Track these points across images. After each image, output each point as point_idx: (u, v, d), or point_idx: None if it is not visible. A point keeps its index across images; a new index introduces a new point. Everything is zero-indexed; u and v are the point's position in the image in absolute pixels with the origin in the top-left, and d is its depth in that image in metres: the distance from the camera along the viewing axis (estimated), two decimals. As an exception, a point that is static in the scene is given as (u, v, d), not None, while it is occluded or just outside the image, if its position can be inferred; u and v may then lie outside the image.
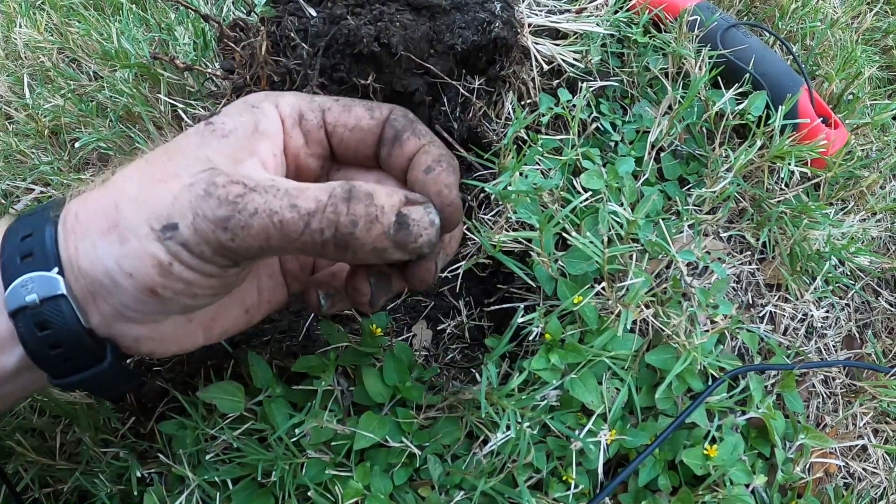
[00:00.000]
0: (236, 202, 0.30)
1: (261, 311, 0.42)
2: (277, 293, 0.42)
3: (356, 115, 0.38)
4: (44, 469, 0.49)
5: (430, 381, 0.54)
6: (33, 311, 0.31)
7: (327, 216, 0.31)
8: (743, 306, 0.61)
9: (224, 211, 0.30)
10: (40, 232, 0.32)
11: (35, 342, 0.32)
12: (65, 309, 0.32)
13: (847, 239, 0.63)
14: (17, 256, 0.32)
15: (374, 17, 0.50)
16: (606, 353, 0.49)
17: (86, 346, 0.33)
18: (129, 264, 0.31)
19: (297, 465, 0.46)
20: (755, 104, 0.62)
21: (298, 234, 0.31)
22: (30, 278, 0.31)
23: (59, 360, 0.33)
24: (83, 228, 0.32)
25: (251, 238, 0.31)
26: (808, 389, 0.61)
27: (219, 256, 0.32)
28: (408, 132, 0.38)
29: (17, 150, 0.67)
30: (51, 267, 0.32)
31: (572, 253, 0.51)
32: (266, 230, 0.31)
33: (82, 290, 0.32)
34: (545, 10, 0.61)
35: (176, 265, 0.31)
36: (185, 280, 0.32)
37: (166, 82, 0.65)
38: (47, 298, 0.31)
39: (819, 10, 0.77)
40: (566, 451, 0.48)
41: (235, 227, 0.30)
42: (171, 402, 0.51)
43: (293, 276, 0.43)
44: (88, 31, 0.73)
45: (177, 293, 0.32)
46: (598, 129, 0.61)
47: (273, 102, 0.37)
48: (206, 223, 0.30)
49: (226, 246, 0.31)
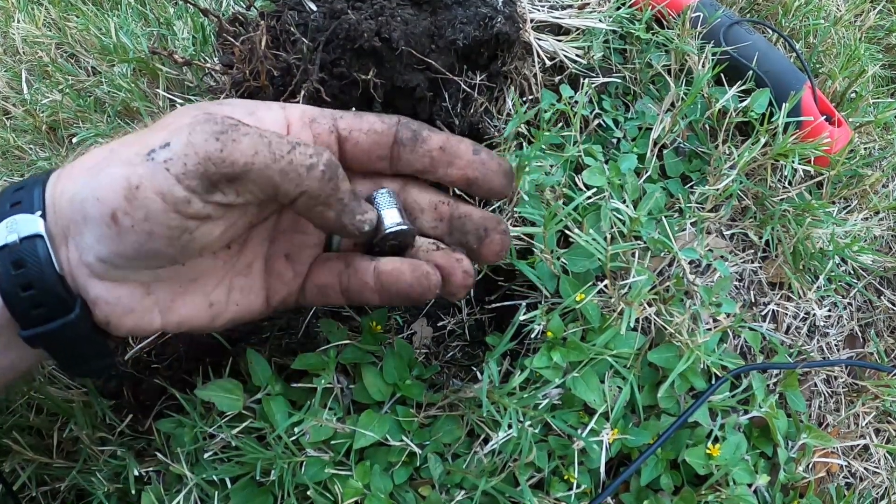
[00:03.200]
0: (233, 124, 0.33)
1: (228, 310, 0.40)
2: (251, 296, 0.41)
3: (369, 120, 0.40)
4: (41, 467, 0.48)
5: (430, 380, 0.53)
6: (11, 250, 0.33)
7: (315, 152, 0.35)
8: (745, 305, 0.61)
9: (220, 127, 0.33)
10: (32, 184, 0.34)
11: (9, 281, 0.33)
12: (40, 248, 0.33)
13: (850, 238, 0.63)
14: (7, 204, 0.34)
15: (374, 12, 0.49)
16: (609, 351, 0.49)
17: (56, 291, 0.33)
18: (100, 190, 0.32)
19: (297, 464, 0.46)
20: (758, 102, 0.62)
21: (284, 153, 0.34)
22: (13, 220, 0.33)
23: (30, 305, 0.33)
24: (70, 171, 0.34)
25: (238, 151, 0.33)
26: (811, 388, 0.60)
27: (199, 177, 0.33)
28: (425, 130, 0.40)
29: (15, 145, 0.67)
30: (34, 210, 0.33)
31: (574, 250, 0.51)
32: (255, 145, 0.33)
33: (59, 231, 0.34)
34: (547, 6, 0.61)
35: (144, 186, 0.32)
36: (147, 207, 0.32)
37: (165, 77, 0.65)
38: (25, 238, 0.33)
39: (822, 8, 0.77)
40: (568, 451, 0.48)
41: (226, 139, 0.33)
42: (168, 399, 0.50)
43: (281, 280, 0.42)
44: (87, 25, 0.73)
45: (135, 224, 0.33)
46: (601, 126, 0.60)
47: (280, 105, 0.39)
48: (200, 135, 0.32)
49: (212, 156, 0.32)
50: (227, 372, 0.50)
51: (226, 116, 0.34)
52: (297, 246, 0.42)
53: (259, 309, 0.42)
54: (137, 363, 0.52)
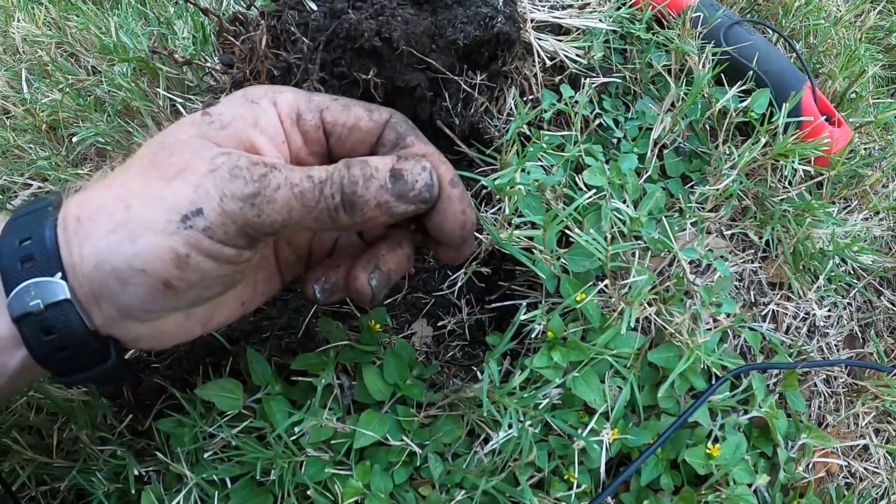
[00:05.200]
0: (261, 180, 0.33)
1: (255, 302, 0.42)
2: (272, 283, 0.43)
3: (355, 114, 0.39)
4: (40, 467, 0.48)
5: (430, 379, 0.53)
6: (38, 318, 0.32)
7: (334, 181, 0.34)
8: (746, 305, 0.61)
9: (252, 188, 0.32)
10: (39, 235, 0.32)
11: (41, 347, 0.32)
12: (69, 313, 0.32)
13: (850, 238, 0.63)
14: (18, 261, 0.32)
15: (375, 12, 0.49)
16: (609, 351, 0.49)
17: (90, 346, 0.33)
18: (141, 261, 0.31)
19: (297, 464, 0.46)
20: (758, 102, 0.62)
21: (315, 203, 0.34)
22: (33, 283, 0.32)
23: (65, 361, 0.33)
24: (86, 231, 0.32)
25: (275, 212, 0.33)
26: (810, 388, 0.60)
27: (241, 237, 0.33)
28: (412, 136, 0.39)
29: (15, 144, 0.67)
30: (53, 272, 0.32)
31: (575, 250, 0.51)
32: (288, 202, 0.33)
33: (86, 293, 0.32)
34: (548, 6, 0.61)
35: (193, 255, 0.32)
36: (202, 270, 0.33)
37: (165, 77, 0.65)
38: (51, 304, 0.32)
39: (823, 8, 0.77)
40: (568, 450, 0.48)
41: (262, 202, 0.32)
42: (168, 399, 0.50)
43: (288, 264, 0.44)
44: (87, 25, 0.73)
45: (191, 285, 0.33)
46: (601, 126, 0.60)
47: (271, 100, 0.38)
48: (234, 202, 0.32)
49: (251, 223, 0.32)
50: (227, 371, 0.50)
51: (251, 164, 0.33)
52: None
53: (279, 289, 0.44)
54: (137, 363, 0.52)
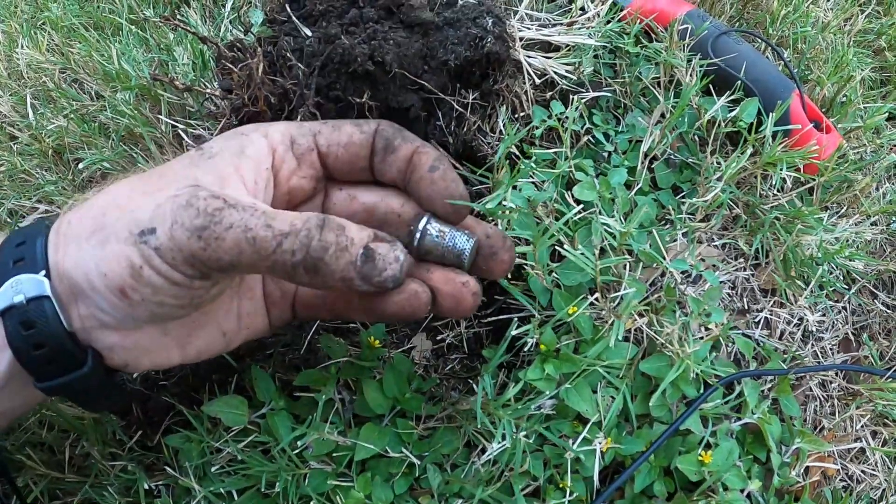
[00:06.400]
0: (214, 215, 0.32)
1: (239, 336, 0.42)
2: (257, 319, 0.43)
3: (347, 132, 0.40)
4: (53, 482, 0.50)
5: (429, 392, 0.54)
6: (19, 310, 0.33)
7: (300, 239, 0.33)
8: (738, 312, 0.61)
9: (201, 221, 0.32)
10: (33, 239, 0.35)
11: (20, 340, 0.33)
12: (48, 309, 0.33)
13: (840, 243, 0.63)
14: (10, 261, 0.34)
15: (367, 36, 0.51)
16: (601, 362, 0.50)
17: (67, 348, 0.34)
18: (105, 265, 0.33)
19: (300, 476, 0.47)
20: (747, 111, 0.63)
21: (269, 253, 0.33)
22: (18, 280, 0.33)
23: (43, 362, 0.34)
24: (73, 233, 0.34)
25: (223, 251, 0.32)
26: (805, 393, 0.61)
27: (188, 266, 0.33)
28: (398, 139, 0.40)
29: (22, 169, 0.69)
30: (38, 270, 0.34)
31: (566, 265, 0.52)
32: (238, 244, 0.32)
33: (65, 291, 0.34)
34: (537, 24, 0.62)
35: (146, 269, 0.33)
36: (153, 285, 0.33)
37: (167, 102, 0.66)
38: (33, 298, 0.33)
39: (810, 15, 0.78)
40: (562, 459, 0.49)
41: (209, 237, 0.32)
42: (176, 415, 0.52)
43: (272, 300, 0.43)
44: (89, 51, 0.75)
45: (144, 297, 0.33)
46: (592, 140, 0.61)
47: (262, 132, 0.39)
48: (182, 230, 0.32)
49: (197, 255, 0.32)
50: (233, 388, 0.52)
51: (210, 197, 0.33)
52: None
53: (264, 329, 0.44)
54: (146, 381, 0.53)
